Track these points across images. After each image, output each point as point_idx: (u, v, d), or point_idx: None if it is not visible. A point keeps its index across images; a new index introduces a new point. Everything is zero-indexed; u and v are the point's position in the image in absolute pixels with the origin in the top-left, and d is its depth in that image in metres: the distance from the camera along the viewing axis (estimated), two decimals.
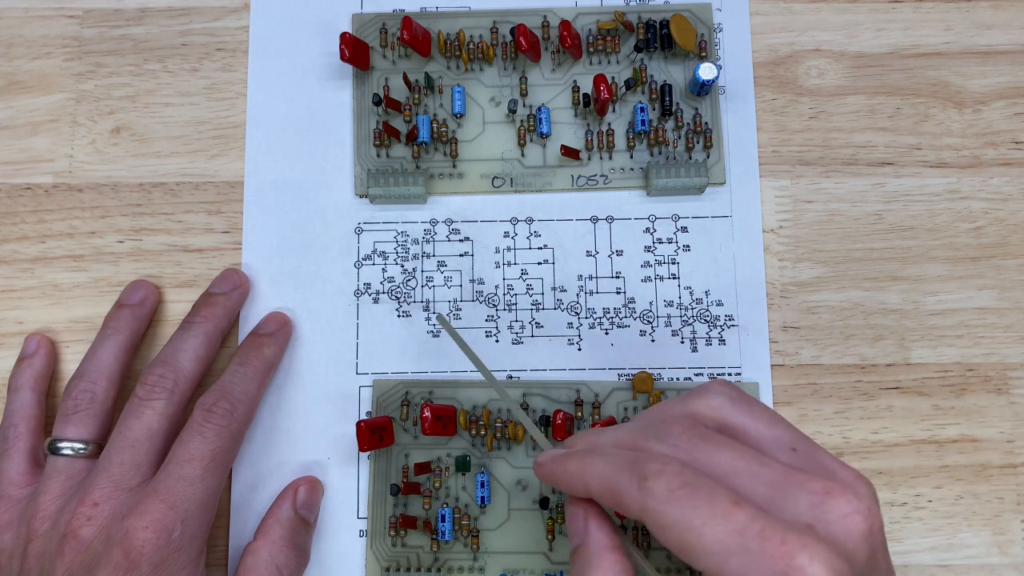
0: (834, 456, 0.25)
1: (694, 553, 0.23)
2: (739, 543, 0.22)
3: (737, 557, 0.22)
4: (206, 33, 0.37)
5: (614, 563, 0.25)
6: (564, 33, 0.35)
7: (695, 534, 0.22)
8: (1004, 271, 0.35)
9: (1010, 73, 0.36)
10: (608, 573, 0.25)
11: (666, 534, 0.23)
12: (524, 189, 0.35)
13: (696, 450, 0.24)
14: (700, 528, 0.22)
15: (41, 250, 0.36)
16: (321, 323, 0.35)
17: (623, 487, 0.24)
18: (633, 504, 0.24)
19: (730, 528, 0.22)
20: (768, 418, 0.26)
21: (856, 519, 0.23)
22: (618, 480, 0.24)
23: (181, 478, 0.29)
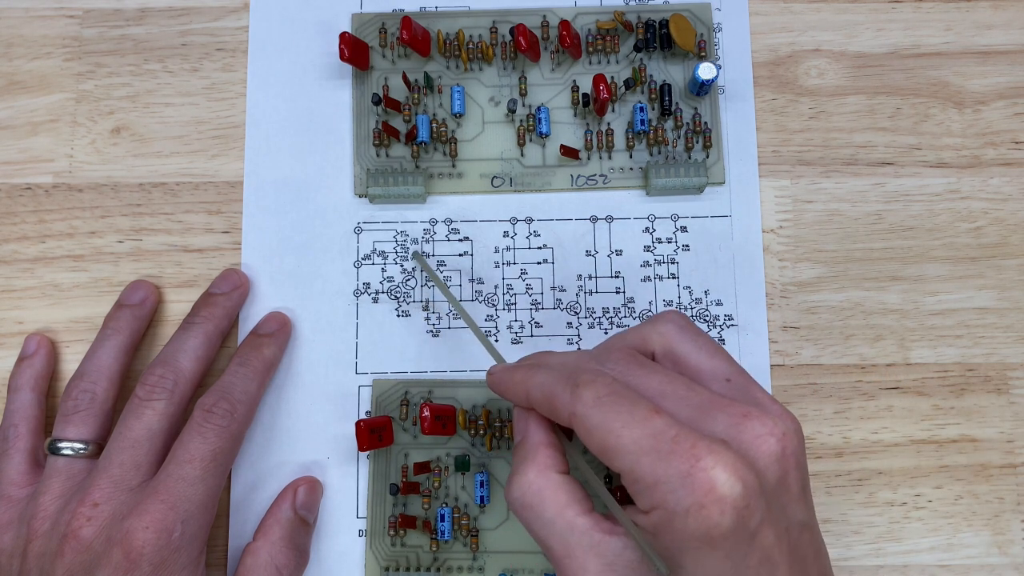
0: (767, 392, 0.27)
1: (612, 453, 0.24)
2: (652, 445, 0.24)
3: (649, 457, 0.24)
4: (206, 33, 0.37)
5: (548, 456, 0.27)
6: (563, 33, 0.35)
7: (614, 436, 0.24)
8: (1004, 271, 0.35)
9: (1010, 73, 0.36)
10: (542, 463, 0.27)
11: (590, 437, 0.25)
12: (523, 189, 0.35)
13: (629, 373, 0.26)
14: (619, 430, 0.24)
15: (41, 250, 0.36)
16: (321, 323, 0.35)
17: (557, 393, 0.26)
18: (564, 409, 0.26)
19: (646, 431, 0.24)
20: (710, 349, 0.27)
21: (769, 440, 0.24)
22: (553, 388, 0.26)
23: (181, 478, 0.29)
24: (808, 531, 0.25)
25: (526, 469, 0.27)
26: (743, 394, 0.26)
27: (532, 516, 0.26)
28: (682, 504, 0.23)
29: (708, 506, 0.23)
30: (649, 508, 0.24)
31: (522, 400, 0.28)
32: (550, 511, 0.26)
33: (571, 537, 0.25)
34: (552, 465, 0.27)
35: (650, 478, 0.23)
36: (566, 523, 0.25)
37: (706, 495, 0.23)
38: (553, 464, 0.27)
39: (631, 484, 0.24)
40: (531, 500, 0.26)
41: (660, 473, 0.23)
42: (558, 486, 0.26)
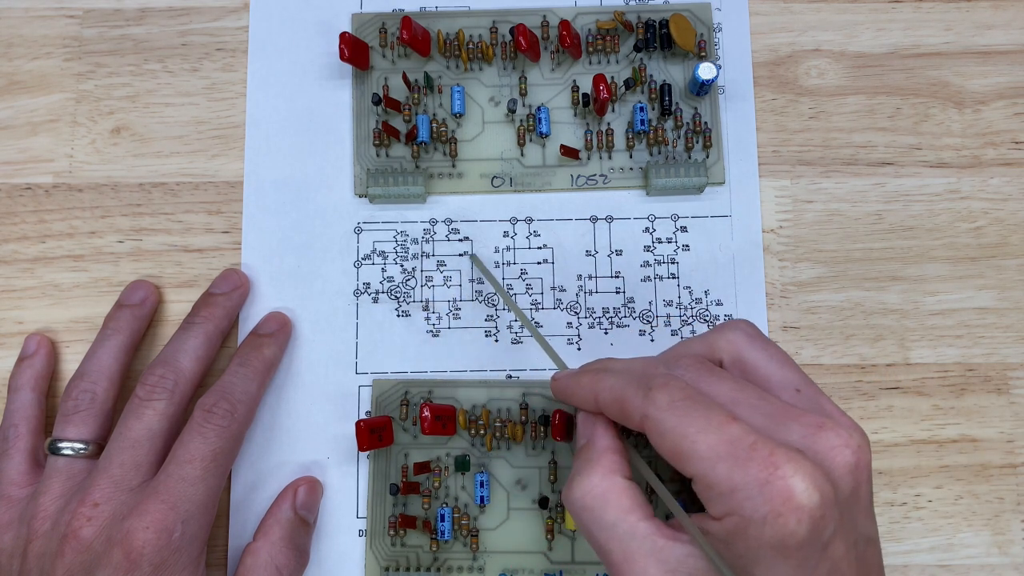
0: (836, 405, 0.26)
1: (686, 458, 0.24)
2: (729, 451, 0.23)
3: (725, 463, 0.23)
4: (206, 33, 0.37)
5: (613, 461, 0.27)
6: (563, 33, 0.35)
7: (689, 440, 0.24)
8: (1004, 271, 0.35)
9: (1010, 73, 0.36)
10: (607, 467, 0.26)
11: (663, 440, 0.25)
12: (523, 189, 0.35)
13: (700, 379, 0.26)
14: (695, 435, 0.24)
15: (41, 250, 0.36)
16: (321, 323, 0.35)
17: (629, 396, 0.26)
18: (636, 412, 0.25)
19: (722, 437, 0.24)
20: (780, 359, 0.27)
21: (844, 452, 0.24)
22: (625, 390, 0.26)
23: (181, 479, 0.29)
24: (873, 546, 0.25)
25: (590, 472, 0.26)
26: (813, 405, 0.26)
27: (592, 519, 0.26)
28: (759, 511, 0.23)
29: (785, 515, 0.23)
30: (723, 514, 0.24)
31: (590, 404, 0.28)
32: (612, 514, 0.25)
33: (632, 542, 0.25)
34: (617, 470, 0.26)
35: (726, 484, 0.23)
36: (628, 527, 0.25)
37: (784, 503, 0.23)
38: (618, 469, 0.27)
39: (704, 490, 0.24)
40: (593, 503, 0.26)
41: (737, 479, 0.23)
42: (622, 490, 0.26)
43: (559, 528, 0.33)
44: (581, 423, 0.28)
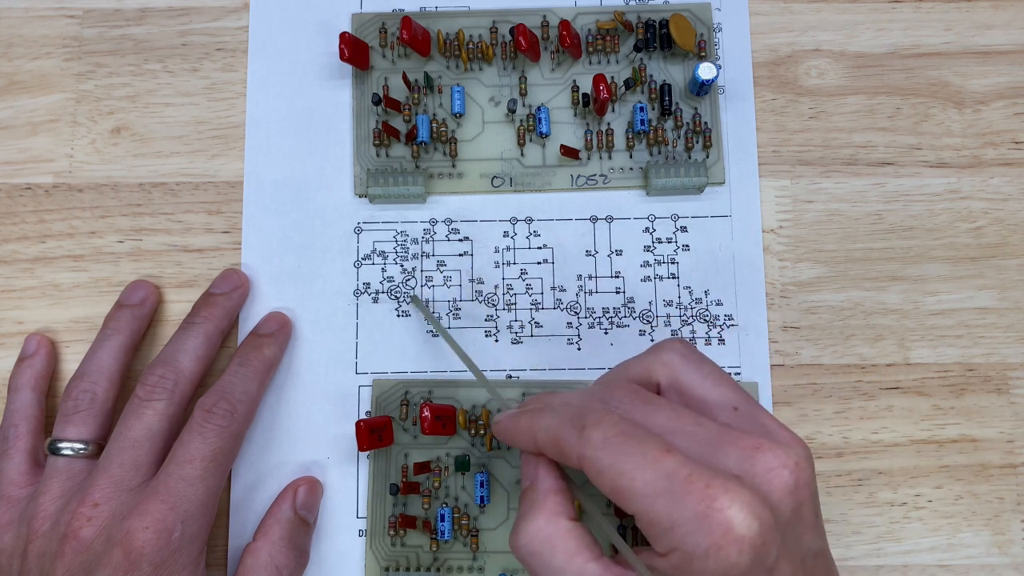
0: (775, 419, 0.26)
1: (625, 495, 0.24)
2: (666, 486, 0.23)
3: (663, 499, 0.23)
4: (206, 33, 0.37)
5: (556, 503, 0.26)
6: (563, 33, 0.35)
7: (627, 478, 0.24)
8: (1004, 271, 0.35)
9: (1010, 73, 0.36)
10: (551, 510, 0.26)
11: (601, 479, 0.25)
12: (523, 189, 0.35)
13: (635, 410, 0.26)
14: (631, 472, 0.24)
15: (41, 250, 0.36)
16: (321, 323, 0.35)
17: (564, 436, 0.26)
18: (572, 451, 0.25)
19: (659, 473, 0.24)
20: (715, 378, 0.27)
21: (782, 473, 0.24)
22: (560, 430, 0.26)
23: (181, 478, 0.29)
24: (822, 558, 0.25)
25: (535, 516, 0.26)
26: (751, 423, 0.26)
27: (540, 564, 0.26)
28: (700, 546, 0.23)
29: (726, 547, 0.23)
30: (667, 550, 0.24)
31: (529, 446, 0.27)
32: (559, 558, 0.25)
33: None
34: (562, 512, 0.26)
35: (666, 521, 0.23)
36: (576, 570, 0.25)
37: (723, 536, 0.23)
38: (563, 511, 0.26)
39: (647, 527, 0.24)
40: (539, 548, 0.26)
41: (676, 515, 0.23)
42: (567, 532, 0.26)
43: None
44: (524, 464, 0.28)
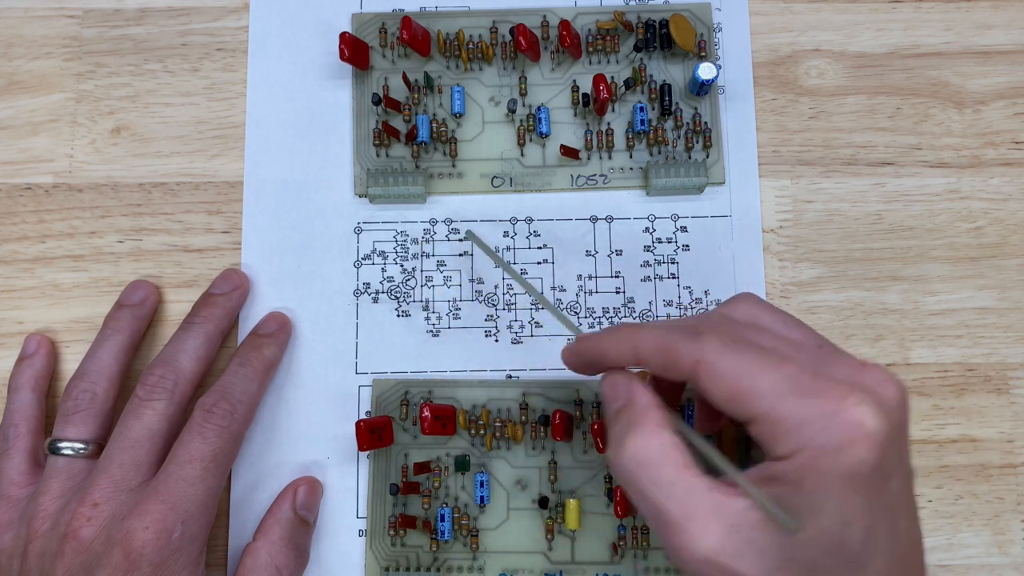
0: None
1: (746, 397, 0.24)
2: (792, 386, 0.23)
3: (790, 398, 0.23)
4: (206, 33, 0.37)
5: (660, 417, 0.25)
6: (563, 33, 0.35)
7: (749, 379, 0.24)
8: (1004, 271, 0.35)
9: (1010, 73, 0.36)
10: (656, 423, 0.25)
11: (719, 383, 0.24)
12: (523, 189, 0.35)
13: (739, 330, 0.26)
14: (754, 374, 0.24)
15: (41, 250, 0.36)
16: (321, 323, 0.35)
17: (676, 342, 0.25)
18: (687, 357, 0.25)
19: (783, 375, 0.24)
20: (794, 321, 0.27)
21: (890, 387, 0.24)
22: (671, 337, 0.25)
23: (181, 478, 0.29)
24: (913, 481, 0.25)
25: (640, 428, 0.25)
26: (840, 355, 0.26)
27: (648, 476, 0.24)
28: (831, 442, 0.23)
29: (858, 443, 0.23)
30: (792, 451, 0.23)
31: (627, 358, 0.26)
32: (669, 470, 0.24)
33: (691, 498, 0.24)
34: (666, 425, 0.25)
35: (795, 418, 0.23)
36: (687, 484, 0.24)
37: (855, 431, 0.23)
38: (667, 424, 0.25)
39: (769, 428, 0.23)
40: (647, 460, 0.24)
41: (805, 412, 0.23)
42: (674, 445, 0.25)
43: (559, 528, 0.33)
44: (612, 386, 0.27)
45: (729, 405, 0.24)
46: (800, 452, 0.23)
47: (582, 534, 0.33)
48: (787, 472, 0.23)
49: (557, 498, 0.33)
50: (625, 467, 0.25)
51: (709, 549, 0.23)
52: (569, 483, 0.33)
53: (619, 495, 0.31)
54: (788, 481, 0.23)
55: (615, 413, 0.26)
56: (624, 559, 0.33)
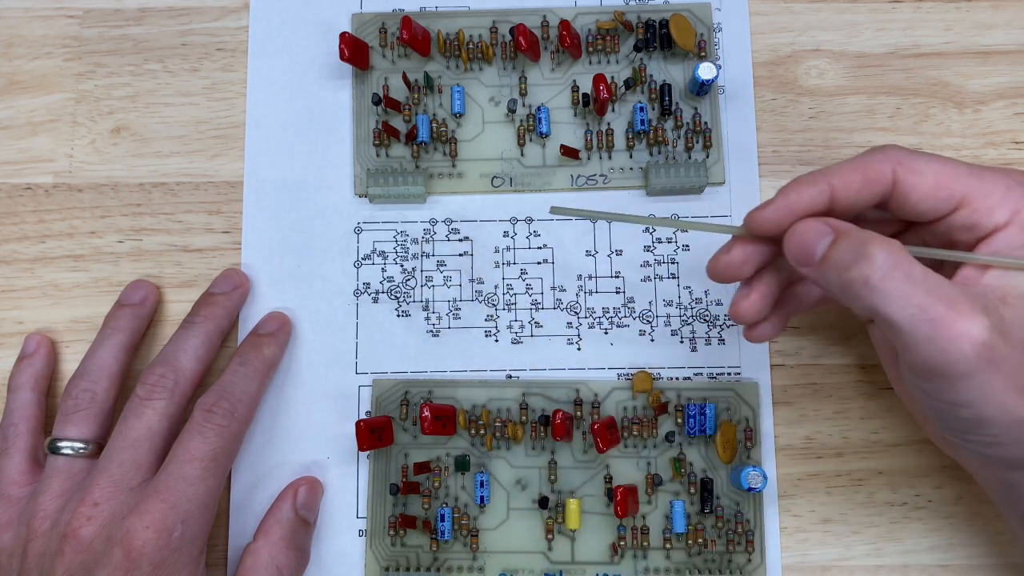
0: None
1: (953, 180, 0.26)
2: (983, 168, 0.26)
3: (988, 174, 0.26)
4: (206, 33, 0.37)
5: (880, 235, 0.25)
6: (563, 33, 0.35)
7: (950, 165, 0.26)
8: None
9: (1010, 73, 0.36)
10: (878, 234, 0.25)
11: (922, 175, 0.26)
12: (524, 189, 0.35)
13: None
14: (949, 163, 0.26)
15: (41, 250, 0.36)
16: (321, 323, 0.35)
17: (867, 159, 0.27)
18: (884, 165, 0.26)
19: (970, 165, 0.26)
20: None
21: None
22: (858, 160, 0.27)
23: (181, 478, 0.29)
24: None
25: (876, 239, 0.25)
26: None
27: (904, 275, 0.24)
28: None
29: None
30: (1011, 214, 0.25)
31: (822, 194, 0.26)
32: (919, 268, 0.24)
33: (946, 289, 0.24)
34: (889, 239, 0.25)
35: (1002, 186, 0.25)
36: (936, 278, 0.24)
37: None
38: (888, 239, 0.25)
39: (982, 201, 0.26)
40: (900, 259, 0.24)
41: (1006, 180, 0.26)
42: (904, 252, 0.25)
43: (559, 528, 0.33)
44: (807, 230, 0.26)
45: (936, 192, 0.26)
46: (1020, 212, 0.25)
47: (582, 534, 0.33)
48: (1014, 237, 0.25)
49: (557, 498, 0.33)
50: (879, 276, 0.24)
51: (986, 330, 0.23)
52: (569, 483, 0.33)
53: (619, 495, 0.31)
54: (1017, 244, 0.25)
55: (831, 247, 0.25)
56: (624, 559, 0.33)
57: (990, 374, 0.24)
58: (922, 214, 0.27)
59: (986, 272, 0.25)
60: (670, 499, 0.33)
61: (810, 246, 0.26)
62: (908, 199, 0.26)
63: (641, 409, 0.34)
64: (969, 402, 0.24)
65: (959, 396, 0.24)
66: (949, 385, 0.24)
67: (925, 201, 0.26)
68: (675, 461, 0.33)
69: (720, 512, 0.33)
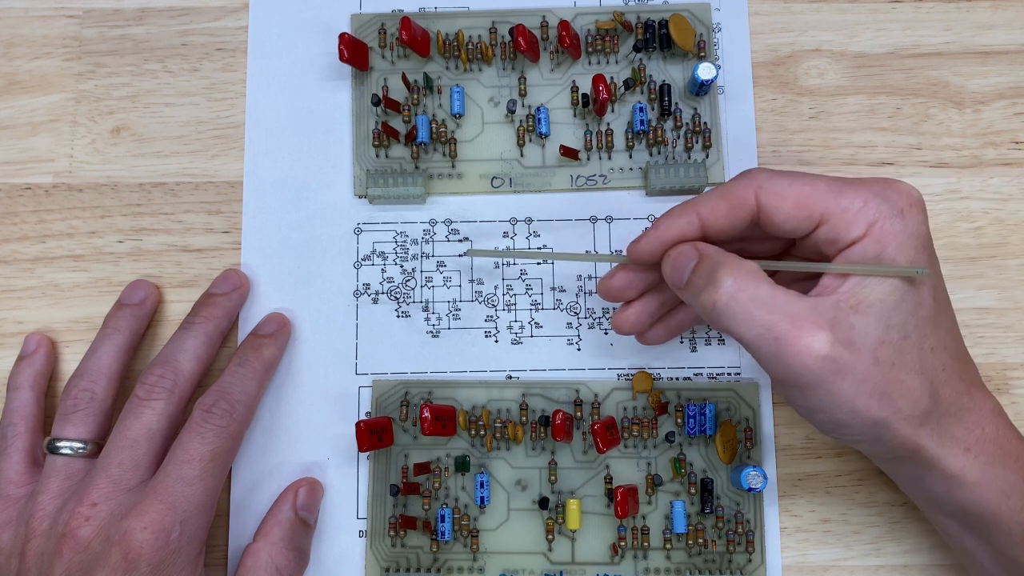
0: None
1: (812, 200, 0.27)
2: (843, 182, 0.27)
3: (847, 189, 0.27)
4: (206, 33, 0.37)
5: (736, 256, 0.28)
6: (563, 33, 0.35)
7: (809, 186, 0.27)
8: (1004, 271, 0.35)
9: (1010, 73, 0.36)
10: (736, 258, 0.27)
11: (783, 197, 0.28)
12: (523, 189, 0.35)
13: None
14: (811, 182, 0.28)
15: (41, 250, 0.36)
16: (321, 323, 0.35)
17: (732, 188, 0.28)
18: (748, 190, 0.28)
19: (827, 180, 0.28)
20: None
21: (913, 191, 0.28)
22: (723, 187, 0.28)
23: (180, 479, 0.29)
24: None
25: (726, 266, 0.27)
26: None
27: (749, 298, 0.26)
28: (895, 207, 0.27)
29: (913, 206, 0.27)
30: (867, 227, 0.27)
31: (691, 224, 0.29)
32: (765, 289, 0.26)
33: (793, 306, 0.26)
34: (744, 260, 0.27)
35: (859, 201, 0.27)
36: (783, 296, 0.26)
37: (908, 198, 0.27)
38: (744, 260, 0.27)
39: (839, 216, 0.27)
40: (745, 283, 0.26)
41: (865, 194, 0.27)
42: (759, 271, 0.27)
43: (559, 528, 0.33)
44: (680, 254, 0.29)
45: (797, 213, 0.27)
46: (874, 225, 0.27)
47: (582, 534, 0.33)
48: (868, 249, 0.27)
49: (557, 498, 0.33)
50: (726, 298, 0.27)
51: (826, 344, 0.26)
52: (569, 483, 0.33)
53: (619, 496, 0.31)
54: (871, 255, 0.27)
55: (693, 271, 0.28)
56: (624, 559, 0.33)
57: (837, 382, 0.26)
58: (790, 232, 0.28)
59: (845, 281, 0.27)
60: (670, 499, 0.33)
61: (681, 270, 0.29)
62: (773, 220, 0.28)
63: (641, 409, 0.34)
64: (822, 407, 0.27)
65: (812, 403, 0.27)
66: (801, 393, 0.27)
67: (789, 221, 0.28)
68: (675, 461, 0.33)
69: (720, 512, 0.33)
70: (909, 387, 0.27)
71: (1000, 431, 0.28)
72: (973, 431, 0.28)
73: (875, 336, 0.26)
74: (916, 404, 0.27)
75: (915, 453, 0.27)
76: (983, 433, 0.28)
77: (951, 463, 0.27)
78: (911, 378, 0.27)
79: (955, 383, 0.28)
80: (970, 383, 0.28)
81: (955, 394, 0.28)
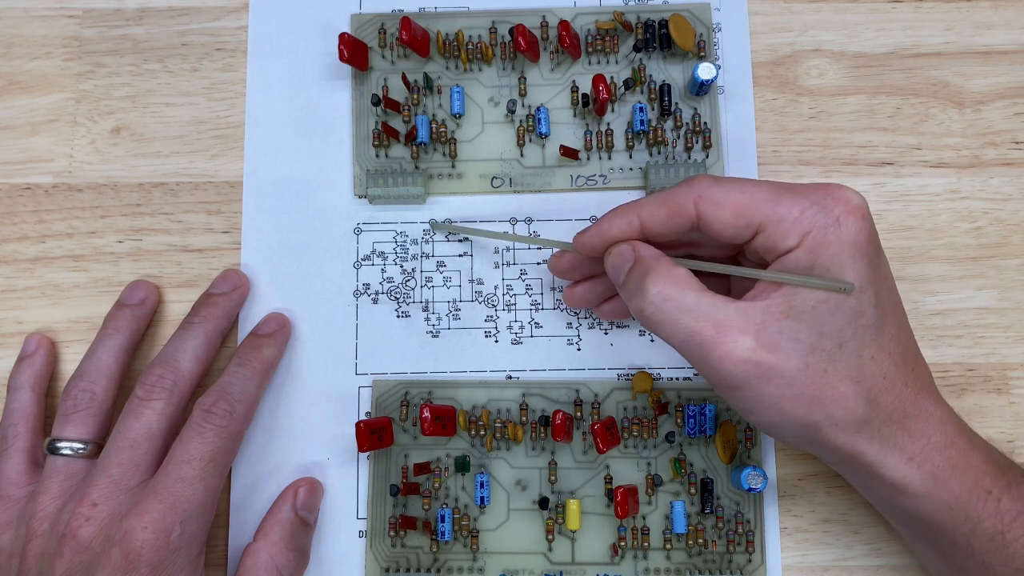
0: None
1: (749, 209, 0.27)
2: (783, 189, 0.27)
3: (785, 197, 0.27)
4: (206, 33, 0.37)
5: (668, 261, 0.28)
6: (563, 33, 0.35)
7: (746, 195, 0.27)
8: (1004, 271, 0.35)
9: (1010, 73, 0.36)
10: (666, 263, 0.28)
11: (721, 206, 0.28)
12: (523, 189, 0.35)
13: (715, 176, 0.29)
14: (749, 190, 0.27)
15: (41, 250, 0.36)
16: (320, 323, 0.35)
17: (674, 194, 0.28)
18: (686, 198, 0.28)
19: (769, 186, 0.27)
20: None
21: (854, 196, 0.27)
22: (665, 193, 0.29)
23: (180, 479, 0.29)
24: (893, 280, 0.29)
25: (656, 271, 0.28)
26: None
27: (674, 306, 0.27)
28: (831, 216, 0.26)
29: (851, 213, 0.27)
30: (801, 236, 0.27)
31: (631, 225, 0.29)
32: (691, 296, 0.27)
33: (718, 312, 0.26)
34: (675, 265, 0.28)
35: (795, 210, 0.27)
36: (710, 302, 0.27)
37: (846, 204, 0.27)
38: (674, 263, 0.28)
39: (775, 226, 0.27)
40: (671, 291, 0.27)
41: (802, 203, 0.27)
42: (688, 276, 0.27)
43: (559, 529, 0.33)
44: (618, 254, 0.29)
45: (735, 222, 0.27)
46: (808, 234, 0.26)
47: (582, 535, 0.33)
48: (801, 258, 0.27)
49: (557, 499, 0.33)
50: (651, 307, 0.27)
51: (748, 348, 0.26)
52: (569, 484, 0.33)
53: (619, 496, 0.31)
54: (804, 265, 0.27)
55: (627, 274, 0.29)
56: (624, 559, 0.33)
57: (762, 386, 0.26)
58: (729, 239, 0.28)
59: (779, 287, 0.27)
60: (670, 499, 0.33)
61: (618, 270, 0.29)
62: (711, 228, 0.28)
63: (641, 409, 0.34)
64: (751, 408, 0.27)
65: (742, 404, 0.27)
66: (731, 395, 0.27)
67: (727, 229, 0.28)
68: (675, 461, 0.33)
69: (720, 512, 0.33)
70: (842, 394, 0.26)
71: (948, 439, 0.28)
72: (918, 440, 0.27)
73: (806, 342, 0.26)
74: (850, 411, 0.26)
75: (855, 459, 0.27)
76: (928, 442, 0.27)
77: (893, 472, 0.27)
78: (845, 385, 0.26)
79: (898, 390, 0.27)
80: (919, 390, 0.28)
81: (898, 401, 0.27)
